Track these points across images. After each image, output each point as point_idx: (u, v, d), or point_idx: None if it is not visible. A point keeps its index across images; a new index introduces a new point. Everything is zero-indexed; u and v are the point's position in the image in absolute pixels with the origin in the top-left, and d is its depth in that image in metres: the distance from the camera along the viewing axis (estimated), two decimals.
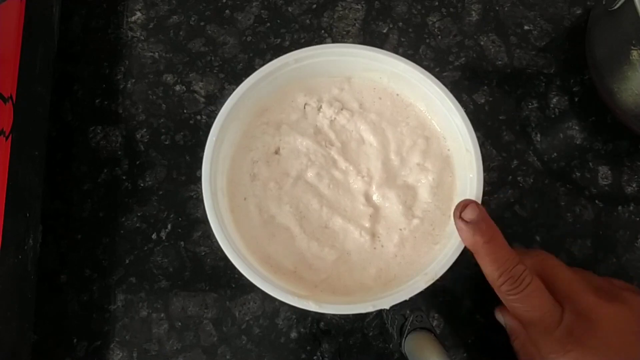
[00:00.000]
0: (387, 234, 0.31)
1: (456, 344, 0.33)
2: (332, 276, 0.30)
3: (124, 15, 0.39)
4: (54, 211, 0.35)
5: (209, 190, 0.29)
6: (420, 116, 0.33)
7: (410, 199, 0.31)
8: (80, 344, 0.34)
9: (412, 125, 0.32)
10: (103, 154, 0.36)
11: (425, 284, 0.27)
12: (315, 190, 0.31)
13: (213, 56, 0.38)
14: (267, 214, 0.31)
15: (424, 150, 0.32)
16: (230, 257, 0.28)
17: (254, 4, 0.39)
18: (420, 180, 0.31)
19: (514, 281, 0.26)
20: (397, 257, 0.30)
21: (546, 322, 0.27)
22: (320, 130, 0.32)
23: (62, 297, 0.34)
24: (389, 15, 0.39)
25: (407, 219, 0.31)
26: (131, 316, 0.34)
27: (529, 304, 0.27)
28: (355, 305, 0.27)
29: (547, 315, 0.27)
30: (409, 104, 0.33)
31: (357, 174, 0.31)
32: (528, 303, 0.27)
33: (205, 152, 0.29)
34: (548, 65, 0.38)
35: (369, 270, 0.30)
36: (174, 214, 0.35)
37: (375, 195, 0.31)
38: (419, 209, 0.31)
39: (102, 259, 0.35)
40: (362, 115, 0.32)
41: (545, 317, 0.27)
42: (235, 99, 0.30)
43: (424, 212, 0.31)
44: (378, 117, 0.32)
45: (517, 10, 0.39)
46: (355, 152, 0.32)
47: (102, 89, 0.38)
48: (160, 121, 0.37)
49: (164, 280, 0.34)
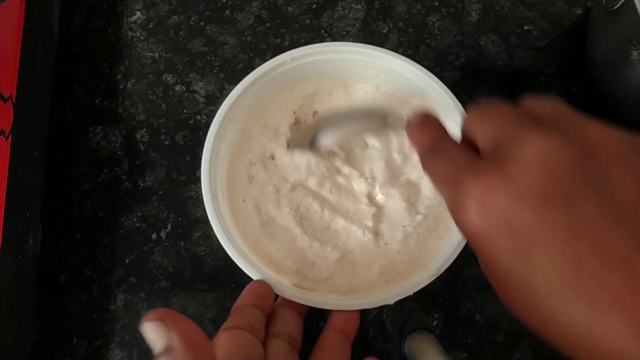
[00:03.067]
0: (391, 232, 0.31)
1: (456, 344, 0.33)
2: (336, 274, 0.30)
3: (124, 15, 0.39)
4: (54, 211, 0.35)
5: (208, 191, 0.29)
6: None
7: (413, 195, 0.31)
8: (80, 344, 0.34)
9: None
10: (103, 154, 0.36)
11: (429, 279, 0.27)
12: (316, 195, 0.31)
13: (213, 56, 0.38)
14: (266, 215, 0.31)
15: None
16: (232, 256, 0.28)
17: (253, 4, 0.39)
18: (423, 176, 0.31)
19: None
20: (401, 254, 0.30)
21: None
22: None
23: (62, 297, 0.34)
24: (389, 15, 0.39)
25: (410, 216, 0.31)
26: (131, 316, 0.34)
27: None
28: (359, 302, 0.27)
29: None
30: (405, 101, 0.33)
31: (360, 176, 0.31)
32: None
33: (204, 153, 0.29)
34: (548, 65, 0.38)
35: (373, 268, 0.30)
36: (174, 214, 0.35)
37: (378, 195, 0.31)
38: (423, 205, 0.31)
39: (102, 259, 0.35)
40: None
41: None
42: (233, 99, 0.30)
43: (427, 208, 0.31)
44: None
45: (517, 11, 0.39)
46: (360, 157, 0.32)
47: (102, 89, 0.38)
48: (160, 121, 0.37)
49: (164, 280, 0.34)
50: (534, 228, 0.18)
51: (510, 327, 0.33)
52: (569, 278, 0.17)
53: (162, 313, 0.22)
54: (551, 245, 0.17)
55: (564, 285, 0.17)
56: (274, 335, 0.26)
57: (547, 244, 0.17)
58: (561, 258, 0.17)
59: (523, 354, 0.33)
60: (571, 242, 0.17)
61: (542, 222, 0.18)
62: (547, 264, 0.17)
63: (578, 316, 0.17)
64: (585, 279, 0.17)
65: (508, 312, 0.31)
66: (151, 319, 0.21)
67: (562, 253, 0.17)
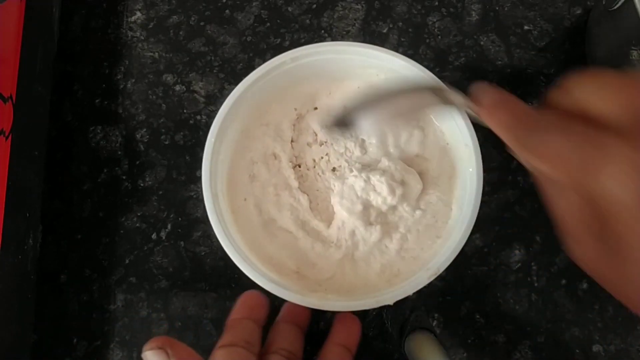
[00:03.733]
0: (391, 229, 0.30)
1: (456, 344, 0.33)
2: (337, 275, 0.30)
3: (124, 15, 0.39)
4: (53, 211, 0.35)
5: (209, 191, 0.29)
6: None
7: (409, 190, 0.31)
8: (80, 344, 0.34)
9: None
10: (103, 154, 0.36)
11: (429, 279, 0.27)
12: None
13: (213, 56, 0.38)
14: (267, 215, 0.31)
15: (421, 141, 0.32)
16: (232, 257, 0.28)
17: (253, 4, 0.39)
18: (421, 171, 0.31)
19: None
20: (401, 251, 0.30)
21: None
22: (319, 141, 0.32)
23: (62, 297, 0.34)
24: (389, 15, 0.39)
25: (409, 211, 0.31)
26: (131, 316, 0.34)
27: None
28: (359, 302, 0.27)
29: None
30: None
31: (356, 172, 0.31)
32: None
33: (205, 153, 0.29)
34: (548, 65, 0.38)
35: (373, 267, 0.30)
36: (173, 214, 0.35)
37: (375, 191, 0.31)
38: (422, 200, 0.31)
39: (102, 258, 0.35)
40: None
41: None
42: (233, 99, 0.30)
43: (426, 204, 0.31)
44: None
45: (517, 10, 0.39)
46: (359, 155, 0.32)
47: (102, 88, 0.38)
48: (160, 121, 0.37)
49: (164, 280, 0.34)
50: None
51: (510, 327, 0.33)
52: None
53: (162, 341, 0.22)
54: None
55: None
56: (273, 352, 0.26)
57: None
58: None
59: (523, 354, 0.33)
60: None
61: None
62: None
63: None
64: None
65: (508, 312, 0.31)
66: (152, 347, 0.22)
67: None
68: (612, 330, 0.33)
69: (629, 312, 0.33)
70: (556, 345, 0.33)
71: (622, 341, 0.33)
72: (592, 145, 0.19)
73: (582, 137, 0.19)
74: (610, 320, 0.33)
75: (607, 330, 0.33)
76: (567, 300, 0.34)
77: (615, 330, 0.33)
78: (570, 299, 0.34)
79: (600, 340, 0.33)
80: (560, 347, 0.33)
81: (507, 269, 0.34)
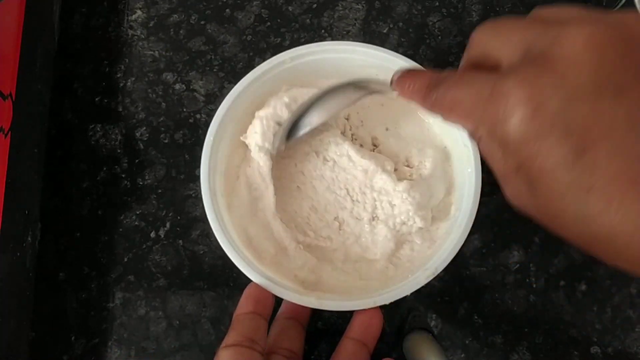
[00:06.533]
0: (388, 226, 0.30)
1: (454, 345, 0.33)
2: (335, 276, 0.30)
3: (124, 14, 0.39)
4: (53, 209, 0.35)
5: (207, 190, 0.29)
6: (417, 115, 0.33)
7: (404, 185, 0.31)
8: (78, 342, 0.34)
9: (405, 119, 0.32)
10: (102, 152, 0.36)
11: (426, 279, 0.27)
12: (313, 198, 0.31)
13: (213, 55, 0.38)
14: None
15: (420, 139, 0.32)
16: (231, 256, 0.28)
17: (254, 3, 0.39)
18: (420, 171, 0.31)
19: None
20: (398, 252, 0.30)
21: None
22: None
23: (61, 294, 0.34)
24: (389, 15, 0.39)
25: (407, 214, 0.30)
26: (129, 314, 0.34)
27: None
28: (357, 302, 0.27)
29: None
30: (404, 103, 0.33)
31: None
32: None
33: (204, 152, 0.29)
34: None
35: (372, 267, 0.30)
36: (172, 213, 0.35)
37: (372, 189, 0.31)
38: (417, 192, 0.31)
39: (100, 257, 0.35)
40: (361, 127, 0.33)
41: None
42: (232, 98, 0.30)
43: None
44: (374, 122, 0.33)
45: (518, 11, 0.39)
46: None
47: (102, 87, 0.38)
48: (159, 120, 0.37)
49: (163, 279, 0.34)
50: (591, 122, 0.17)
51: (508, 328, 0.33)
52: (628, 167, 0.16)
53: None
54: (611, 136, 0.17)
55: (622, 174, 0.16)
56: (274, 352, 0.26)
57: (606, 136, 0.17)
58: (621, 147, 0.16)
59: (521, 355, 0.33)
60: (631, 132, 0.17)
61: (599, 115, 0.17)
62: (606, 156, 0.17)
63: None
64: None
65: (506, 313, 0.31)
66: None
67: (623, 142, 0.17)
68: (610, 331, 0.33)
69: (628, 313, 0.33)
70: (554, 347, 0.33)
71: (620, 343, 0.33)
72: (490, 90, 0.19)
73: (481, 84, 0.20)
74: (608, 322, 0.33)
75: (605, 331, 0.33)
76: (565, 301, 0.34)
77: (613, 332, 0.33)
78: (568, 301, 0.34)
79: (598, 342, 0.33)
80: (558, 348, 0.33)
81: (506, 269, 0.34)
